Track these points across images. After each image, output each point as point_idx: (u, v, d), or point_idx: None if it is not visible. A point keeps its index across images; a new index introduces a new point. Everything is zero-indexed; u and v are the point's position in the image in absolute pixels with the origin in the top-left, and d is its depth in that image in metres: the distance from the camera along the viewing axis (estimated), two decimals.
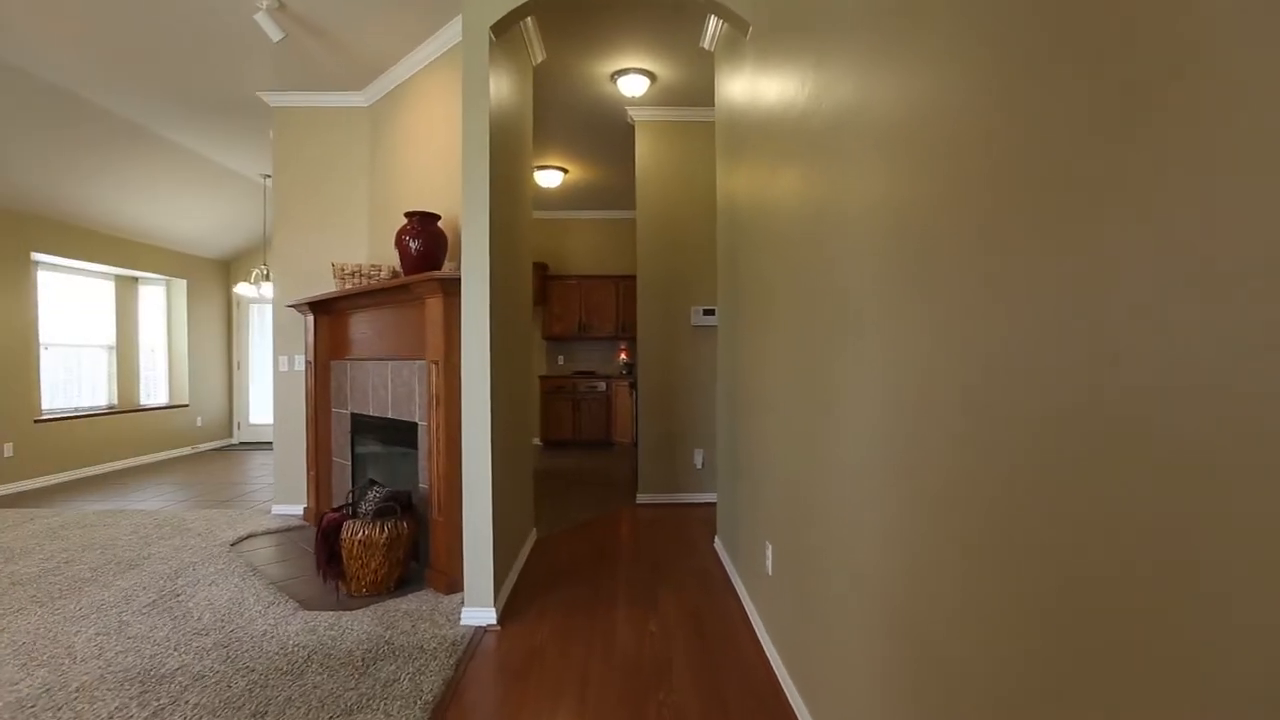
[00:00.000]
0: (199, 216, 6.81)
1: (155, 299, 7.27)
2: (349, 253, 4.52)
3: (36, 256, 5.67)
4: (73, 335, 6.35)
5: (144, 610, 2.87)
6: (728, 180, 3.40)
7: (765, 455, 2.51)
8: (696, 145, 4.87)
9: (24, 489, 5.44)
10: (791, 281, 2.12)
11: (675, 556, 3.58)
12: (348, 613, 2.82)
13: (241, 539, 3.97)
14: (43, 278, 5.96)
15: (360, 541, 2.96)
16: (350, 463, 4.10)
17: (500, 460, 2.91)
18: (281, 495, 4.57)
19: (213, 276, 7.89)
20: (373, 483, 3.33)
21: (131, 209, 6.13)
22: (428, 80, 3.86)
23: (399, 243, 3.41)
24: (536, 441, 7.93)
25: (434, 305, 3.08)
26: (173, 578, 3.28)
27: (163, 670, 2.34)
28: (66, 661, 2.42)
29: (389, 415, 3.63)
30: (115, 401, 6.78)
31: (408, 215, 3.40)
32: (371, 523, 2.98)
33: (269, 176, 6.12)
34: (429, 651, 2.46)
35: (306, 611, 2.84)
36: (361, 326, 3.96)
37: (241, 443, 8.19)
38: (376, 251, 4.39)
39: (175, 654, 2.46)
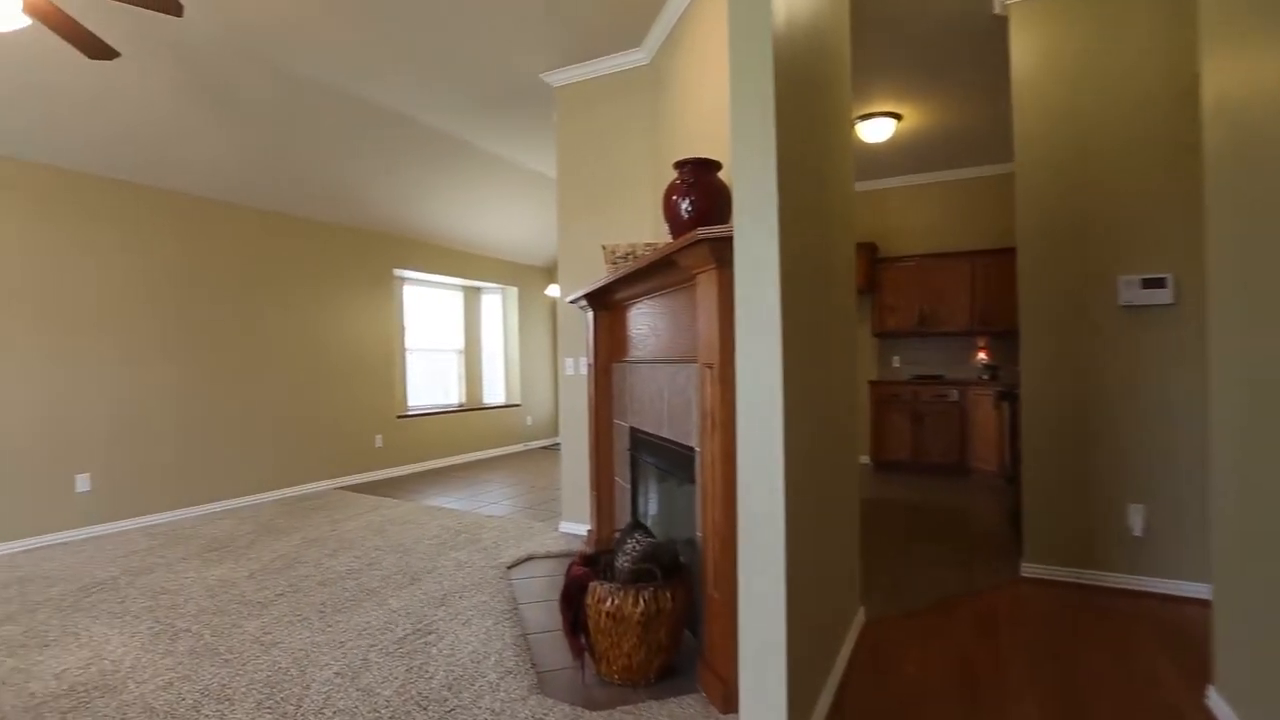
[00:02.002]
0: (522, 225, 7.13)
1: (493, 306, 7.91)
2: (633, 235, 3.89)
3: (399, 272, 6.43)
4: (431, 341, 7.15)
5: (391, 649, 2.49)
6: (1261, 59, 1.72)
7: None
8: (1128, 22, 3.04)
9: (387, 476, 6.16)
10: None
11: (1124, 714, 2.00)
12: (587, 713, 2.02)
13: (519, 561, 3.58)
14: (407, 291, 6.78)
15: (609, 614, 2.14)
16: (630, 486, 3.42)
17: (803, 516, 1.80)
18: (569, 511, 4.16)
19: (538, 282, 8.34)
20: (637, 526, 2.52)
21: (469, 224, 6.62)
22: (705, 3, 2.96)
23: (667, 205, 2.55)
24: (864, 459, 6.53)
25: (705, 283, 2.12)
26: (437, 604, 2.93)
27: None
28: (291, 710, 2.07)
29: (664, 435, 2.80)
30: (464, 400, 7.49)
31: (677, 166, 2.51)
32: (622, 590, 2.15)
33: None
34: None
35: (540, 696, 2.13)
36: (637, 320, 3.24)
37: None
38: (663, 229, 3.66)
39: None
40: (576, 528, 4.08)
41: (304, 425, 5.48)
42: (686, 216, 2.47)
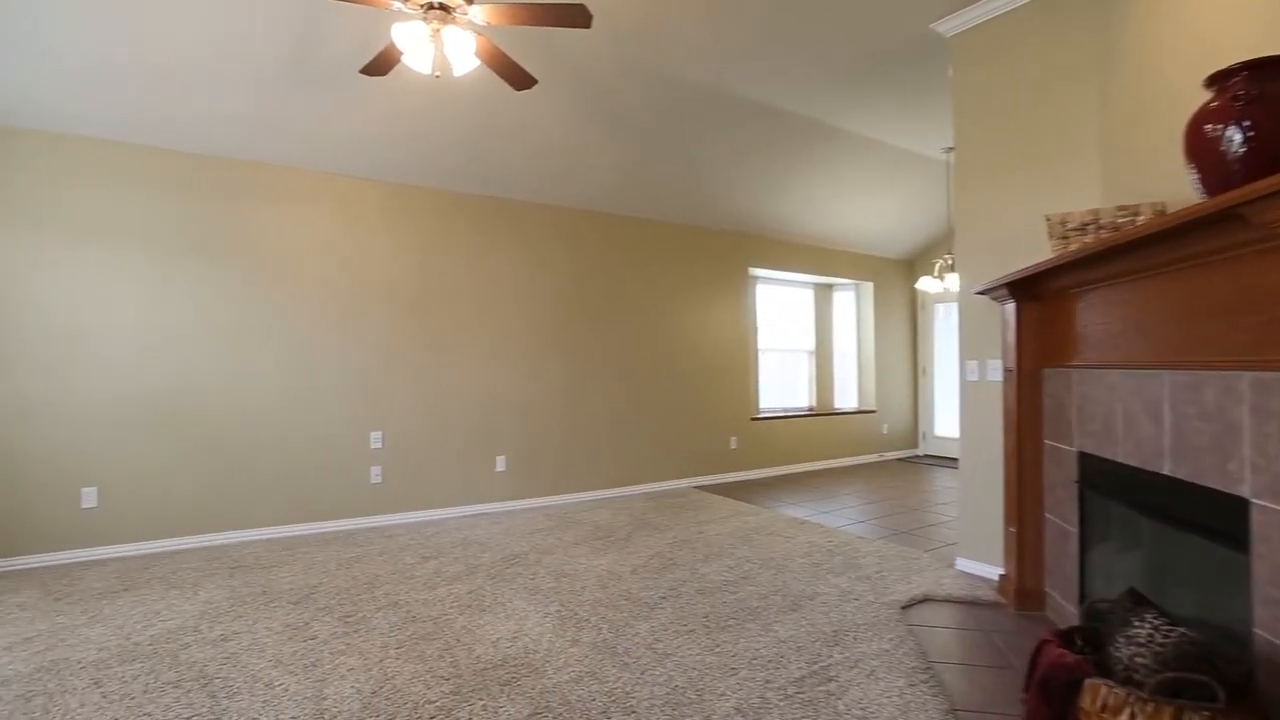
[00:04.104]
0: (882, 214, 6.45)
1: (846, 304, 7.35)
2: (1067, 201, 3.00)
3: (753, 271, 6.33)
4: (781, 341, 6.93)
5: (790, 691, 2.18)
6: None
7: None
8: None
9: (740, 479, 6.09)
10: None
11: None
12: None
13: (914, 601, 3.01)
14: (759, 290, 6.65)
15: None
16: (1078, 530, 2.60)
17: None
18: (967, 546, 3.43)
19: (897, 277, 7.51)
20: (1141, 600, 1.78)
21: (823, 216, 6.21)
22: None
23: (1195, 142, 1.74)
24: None
25: None
26: (830, 643, 2.55)
27: None
28: None
29: (1163, 470, 1.97)
30: (814, 404, 7.10)
31: (1217, 79, 1.69)
32: (1152, 704, 1.46)
33: (951, 150, 5.14)
34: None
35: None
36: (1097, 312, 2.41)
37: (926, 455, 7.52)
38: (1117, 192, 2.73)
39: None
40: (980, 568, 3.33)
41: (667, 424, 5.71)
42: (1241, 150, 1.63)
